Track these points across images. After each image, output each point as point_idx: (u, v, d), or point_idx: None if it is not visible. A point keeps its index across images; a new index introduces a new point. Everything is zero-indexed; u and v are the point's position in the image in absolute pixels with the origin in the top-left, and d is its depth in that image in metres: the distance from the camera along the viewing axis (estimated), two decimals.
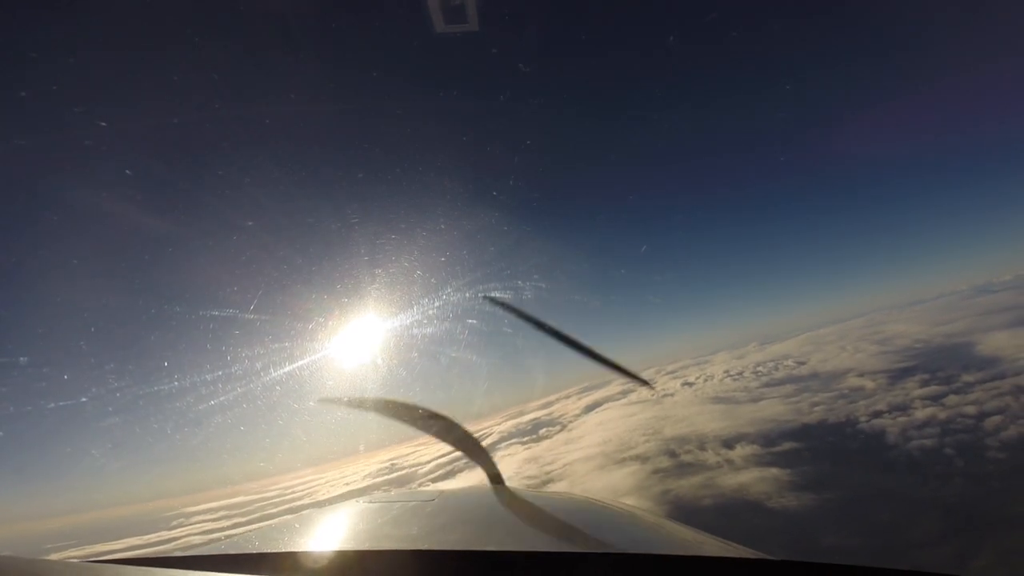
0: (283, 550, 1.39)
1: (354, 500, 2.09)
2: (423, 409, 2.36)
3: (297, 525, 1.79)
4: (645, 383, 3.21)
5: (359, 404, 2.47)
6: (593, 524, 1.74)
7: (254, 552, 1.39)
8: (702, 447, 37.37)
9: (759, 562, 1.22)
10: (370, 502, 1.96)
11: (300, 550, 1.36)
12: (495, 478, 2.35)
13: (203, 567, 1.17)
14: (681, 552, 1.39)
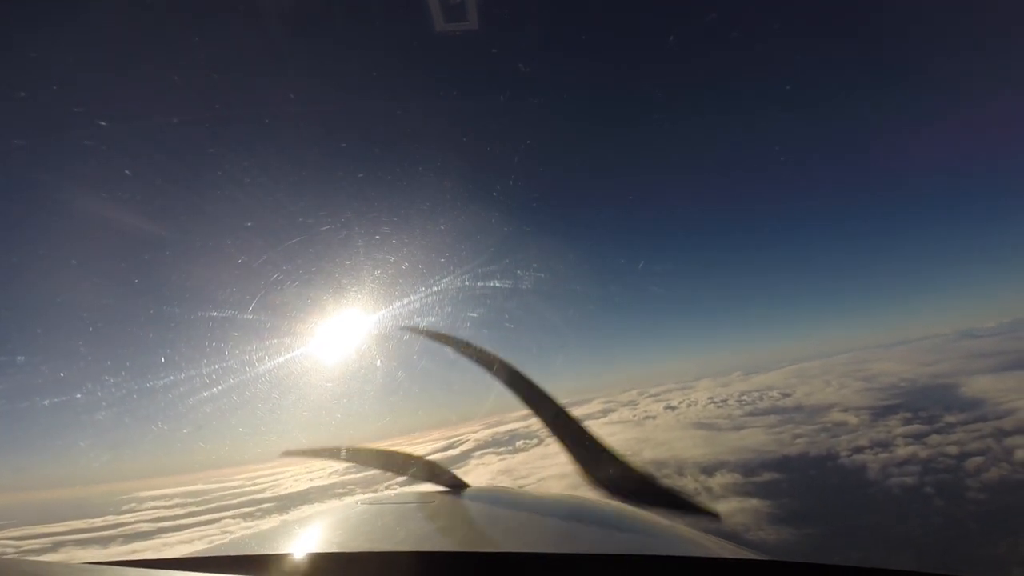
0: (283, 551, 1.39)
1: (354, 501, 2.11)
2: (380, 452, 2.38)
3: (297, 526, 1.81)
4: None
5: (321, 454, 2.49)
6: (593, 525, 1.74)
7: (254, 554, 1.40)
8: (681, 472, 36.68)
9: (760, 563, 1.25)
10: (370, 503, 1.98)
11: (300, 551, 1.35)
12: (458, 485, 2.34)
13: (203, 568, 1.18)
14: (682, 553, 1.40)
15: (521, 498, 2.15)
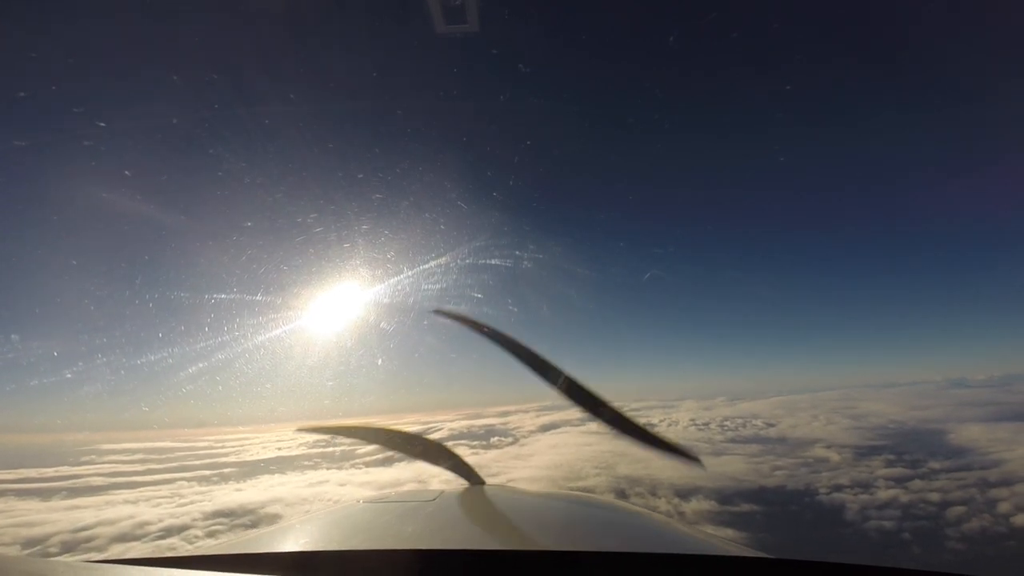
0: (284, 550, 1.39)
1: (354, 500, 2.13)
2: (398, 433, 2.39)
3: (298, 525, 1.81)
4: (692, 459, 2.42)
5: (336, 431, 2.56)
6: (594, 523, 1.75)
7: (255, 552, 1.39)
8: (654, 492, 35.65)
9: (760, 561, 1.26)
10: (370, 502, 2.01)
11: (301, 550, 1.37)
12: (474, 480, 2.35)
13: (204, 567, 1.20)
14: (682, 551, 1.41)
15: (522, 496, 2.16)
